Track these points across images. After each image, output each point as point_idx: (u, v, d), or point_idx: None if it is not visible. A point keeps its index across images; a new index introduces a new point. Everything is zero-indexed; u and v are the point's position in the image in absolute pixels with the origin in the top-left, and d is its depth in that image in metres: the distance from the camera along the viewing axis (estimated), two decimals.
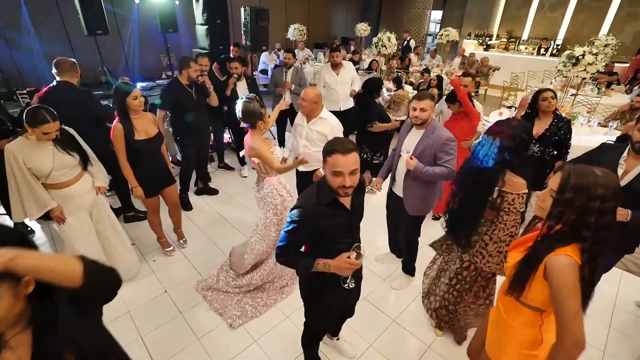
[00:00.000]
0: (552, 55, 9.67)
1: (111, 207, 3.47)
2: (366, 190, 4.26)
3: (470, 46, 10.73)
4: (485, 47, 10.85)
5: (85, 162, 2.34)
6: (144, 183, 2.62)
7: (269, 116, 2.52)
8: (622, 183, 1.95)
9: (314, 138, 2.74)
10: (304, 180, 2.95)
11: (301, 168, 2.84)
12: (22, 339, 0.78)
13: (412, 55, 8.88)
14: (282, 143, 4.90)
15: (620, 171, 1.98)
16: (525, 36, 10.96)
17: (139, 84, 6.20)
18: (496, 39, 11.35)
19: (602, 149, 2.21)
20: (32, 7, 6.78)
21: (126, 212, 3.46)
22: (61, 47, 7.30)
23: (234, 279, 2.66)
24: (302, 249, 1.61)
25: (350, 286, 1.58)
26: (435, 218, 3.66)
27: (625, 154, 2.00)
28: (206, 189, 4.10)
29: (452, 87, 3.35)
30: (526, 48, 10.38)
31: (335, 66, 4.35)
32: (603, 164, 2.04)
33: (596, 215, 1.04)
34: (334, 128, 2.71)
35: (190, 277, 2.84)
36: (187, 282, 2.78)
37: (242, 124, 4.10)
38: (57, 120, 2.07)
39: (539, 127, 2.85)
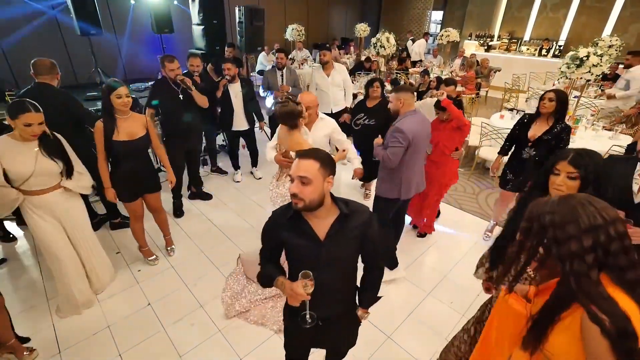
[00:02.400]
0: (554, 56, 9.53)
1: (97, 213, 3.38)
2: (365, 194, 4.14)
3: (471, 47, 10.59)
4: (486, 48, 10.71)
5: (69, 171, 2.21)
6: (120, 186, 2.52)
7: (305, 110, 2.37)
8: (637, 200, 1.75)
9: (321, 143, 2.60)
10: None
11: None
12: None
13: (429, 57, 8.77)
14: None
15: (635, 187, 1.77)
16: (527, 37, 10.82)
17: (133, 85, 6.09)
18: (497, 40, 11.21)
19: (610, 162, 1.98)
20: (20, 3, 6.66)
21: (112, 219, 3.34)
22: (55, 47, 7.19)
23: (255, 288, 2.60)
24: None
25: (308, 322, 1.33)
26: (421, 235, 3.48)
27: (639, 167, 1.79)
28: (199, 194, 3.97)
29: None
30: (528, 49, 10.23)
31: (326, 67, 4.21)
32: (613, 179, 1.85)
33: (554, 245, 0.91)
34: (337, 130, 2.65)
35: (175, 288, 2.71)
36: (171, 293, 2.66)
37: (237, 127, 4.03)
38: (40, 113, 1.96)
39: (536, 129, 2.73)
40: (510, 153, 3.04)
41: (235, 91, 3.89)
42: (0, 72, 6.52)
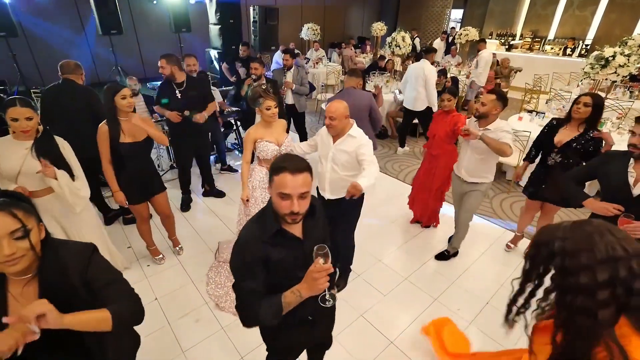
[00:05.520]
0: (580, 56, 9.14)
1: (111, 208, 3.48)
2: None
3: (492, 46, 10.28)
4: (507, 47, 10.38)
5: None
6: (128, 189, 2.50)
7: (268, 109, 2.37)
8: (635, 192, 1.80)
9: (342, 160, 2.26)
10: (332, 208, 2.37)
11: (327, 195, 2.42)
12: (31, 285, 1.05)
13: (447, 56, 8.61)
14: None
15: (631, 180, 1.81)
16: (551, 36, 10.42)
17: (150, 83, 6.24)
18: (519, 39, 10.85)
19: (606, 158, 1.99)
20: (51, 6, 6.94)
21: (125, 214, 3.43)
22: (79, 46, 7.46)
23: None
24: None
25: (331, 302, 1.28)
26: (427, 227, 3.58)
27: (632, 160, 1.83)
28: (212, 192, 4.02)
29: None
30: (552, 48, 9.85)
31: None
32: (611, 174, 1.90)
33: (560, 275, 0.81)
34: (363, 146, 2.18)
35: (182, 284, 2.76)
36: (178, 289, 2.70)
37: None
38: (28, 108, 1.88)
39: (564, 135, 2.56)
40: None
41: None
42: (28, 71, 6.81)
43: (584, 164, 2.40)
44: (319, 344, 1.73)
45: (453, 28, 11.02)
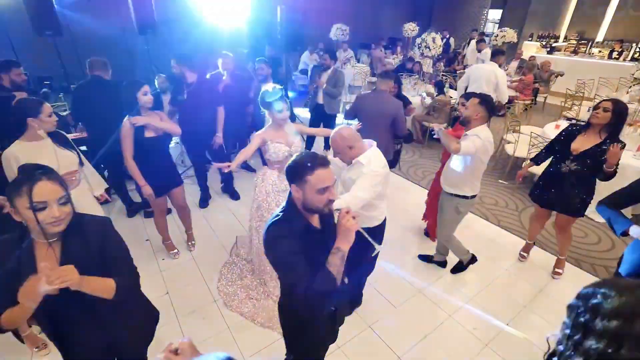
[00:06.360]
0: (633, 59, 8.40)
1: (133, 201, 3.61)
2: None
3: (532, 48, 9.73)
4: (549, 49, 9.76)
5: (81, 161, 2.25)
6: (151, 182, 2.59)
7: (280, 112, 2.35)
8: None
9: (350, 186, 2.03)
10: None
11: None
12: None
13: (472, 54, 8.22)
14: (310, 146, 4.80)
15: None
16: (599, 38, 9.67)
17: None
18: (563, 41, 10.16)
19: None
20: (94, 7, 7.36)
21: (146, 208, 3.54)
22: (118, 44, 7.86)
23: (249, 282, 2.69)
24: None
25: (376, 250, 1.42)
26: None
27: None
28: (229, 189, 4.07)
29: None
30: (600, 51, 9.14)
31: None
32: None
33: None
34: (363, 175, 1.89)
35: (194, 280, 2.79)
36: (189, 285, 2.74)
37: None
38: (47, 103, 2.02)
39: (583, 142, 2.38)
40: (548, 163, 2.71)
41: None
42: (71, 68, 7.25)
43: (622, 188, 2.10)
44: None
45: (475, 30, 10.30)
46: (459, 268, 2.93)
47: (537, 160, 2.73)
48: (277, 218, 1.30)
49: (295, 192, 1.26)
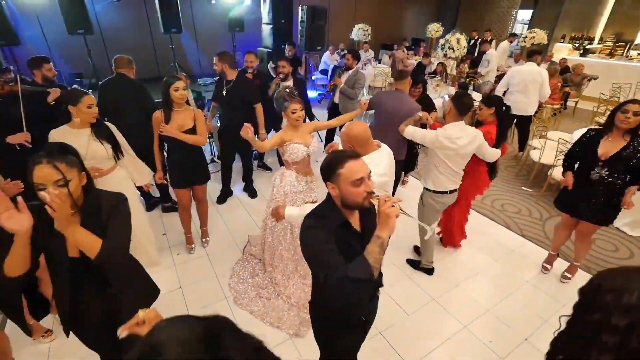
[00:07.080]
0: None
1: (152, 195, 3.70)
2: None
3: (564, 51, 9.29)
4: (581, 51, 9.29)
5: (117, 155, 2.40)
6: (172, 172, 2.76)
7: (294, 112, 2.36)
8: None
9: None
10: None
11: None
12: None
13: (510, 60, 7.95)
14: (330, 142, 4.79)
15: None
16: (639, 40, 9.13)
17: (200, 79, 6.56)
18: (598, 43, 9.65)
19: None
20: (123, 6, 7.62)
21: (164, 203, 3.62)
22: (145, 42, 8.11)
23: (260, 281, 2.70)
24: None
25: (430, 228, 1.44)
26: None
27: None
28: (249, 188, 4.08)
29: None
30: (639, 54, 8.62)
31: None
32: None
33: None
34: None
35: (207, 276, 2.82)
36: (202, 281, 2.77)
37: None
38: (93, 96, 2.19)
39: (610, 146, 2.28)
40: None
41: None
42: (100, 65, 7.54)
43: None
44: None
45: (488, 31, 9.84)
46: (415, 264, 2.97)
47: (568, 168, 2.60)
48: (311, 212, 1.30)
49: (331, 190, 1.24)
